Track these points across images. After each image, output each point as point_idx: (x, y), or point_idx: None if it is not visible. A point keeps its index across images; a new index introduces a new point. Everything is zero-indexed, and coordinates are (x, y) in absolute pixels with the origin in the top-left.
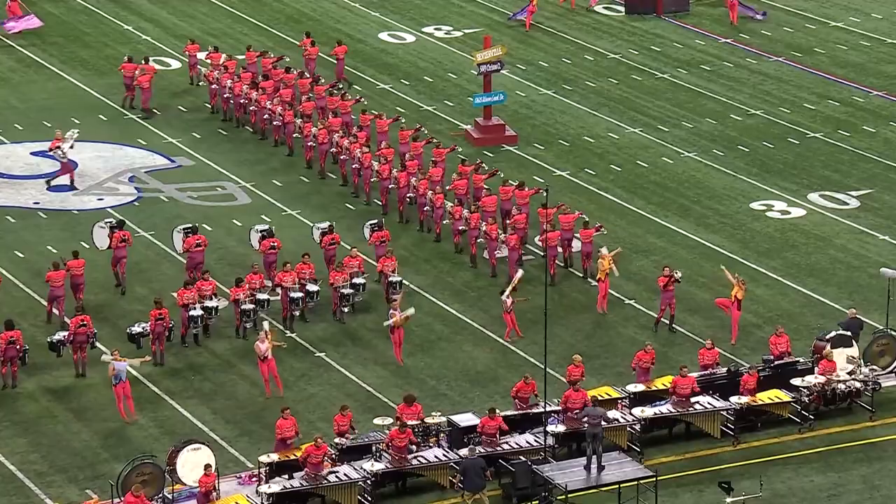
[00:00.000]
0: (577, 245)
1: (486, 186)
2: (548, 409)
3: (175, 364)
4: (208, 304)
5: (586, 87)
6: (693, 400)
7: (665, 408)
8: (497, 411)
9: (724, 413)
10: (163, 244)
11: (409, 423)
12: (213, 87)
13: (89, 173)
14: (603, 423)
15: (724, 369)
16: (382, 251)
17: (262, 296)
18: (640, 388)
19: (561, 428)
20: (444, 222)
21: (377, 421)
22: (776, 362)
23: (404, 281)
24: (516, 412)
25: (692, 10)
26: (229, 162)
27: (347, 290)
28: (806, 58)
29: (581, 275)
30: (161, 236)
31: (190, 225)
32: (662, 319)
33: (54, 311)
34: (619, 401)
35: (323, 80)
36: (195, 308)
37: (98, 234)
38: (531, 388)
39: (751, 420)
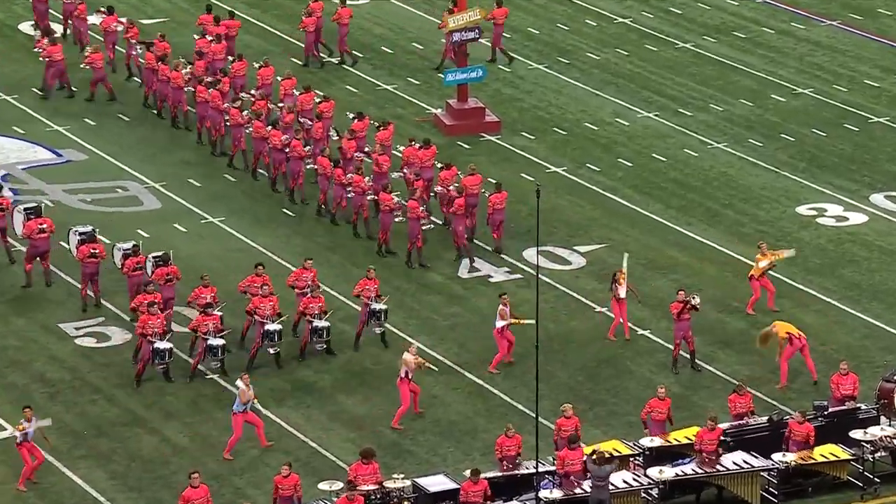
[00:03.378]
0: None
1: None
2: (541, 470)
3: (63, 416)
4: (213, 341)
5: (588, 61)
6: (726, 458)
7: (690, 467)
8: (481, 473)
9: (765, 474)
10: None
11: (364, 487)
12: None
13: None
14: (611, 486)
15: (765, 418)
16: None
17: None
18: (658, 442)
19: (557, 494)
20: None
21: (323, 486)
22: (831, 409)
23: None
24: (500, 474)
25: None
26: (133, 156)
27: (323, 323)
28: (868, 21)
29: (496, 250)
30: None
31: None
32: (682, 354)
33: None
34: (632, 458)
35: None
36: (160, 340)
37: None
38: (515, 442)
39: (799, 483)
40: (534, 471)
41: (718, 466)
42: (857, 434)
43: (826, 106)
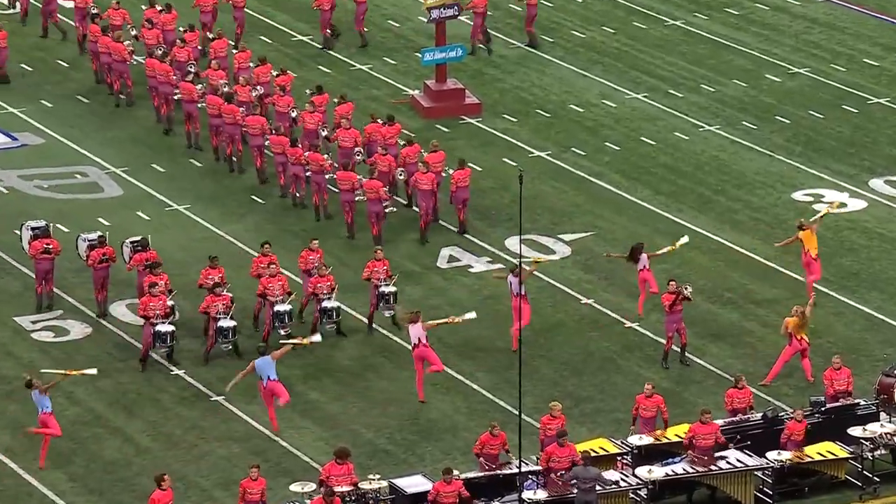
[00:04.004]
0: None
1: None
2: (524, 469)
3: (19, 415)
4: (224, 322)
5: (572, 39)
6: (718, 456)
7: (680, 466)
8: (455, 473)
9: (760, 474)
10: (3, 253)
11: (338, 489)
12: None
13: None
14: (598, 487)
15: (759, 415)
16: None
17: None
18: (648, 440)
19: (542, 495)
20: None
21: (295, 487)
22: (829, 405)
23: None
24: (481, 474)
25: None
26: (93, 140)
27: (332, 303)
28: None
29: (458, 230)
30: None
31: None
32: (673, 348)
33: None
34: (620, 458)
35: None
36: (162, 322)
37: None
38: (500, 441)
39: (795, 483)
40: (517, 470)
41: (713, 466)
42: (855, 431)
43: (823, 86)
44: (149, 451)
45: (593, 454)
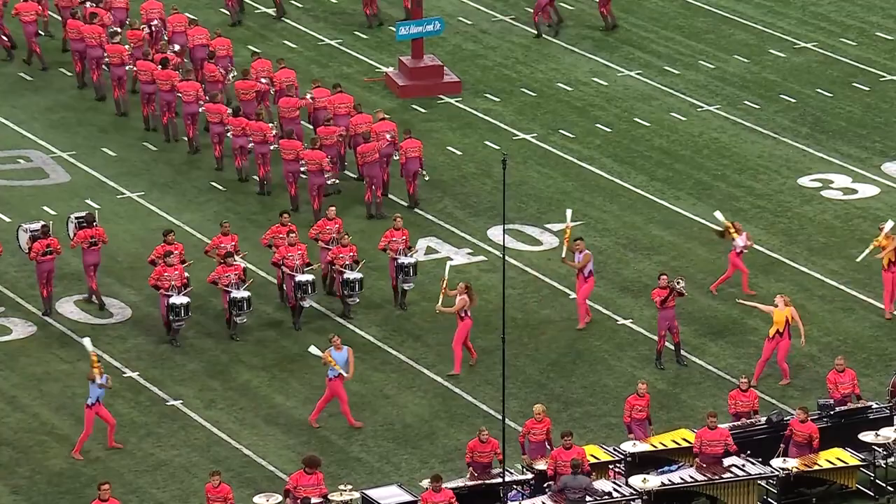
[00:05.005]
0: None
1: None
2: (513, 479)
3: None
4: (236, 293)
5: (560, 12)
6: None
7: (679, 475)
8: (443, 481)
9: (764, 483)
10: None
11: (309, 499)
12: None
13: None
14: (588, 498)
15: (764, 419)
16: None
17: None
18: (643, 446)
19: None
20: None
21: (259, 499)
22: (838, 409)
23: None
24: (467, 483)
25: None
26: (38, 122)
27: (355, 275)
28: None
29: (408, 204)
30: None
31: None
32: (667, 346)
33: None
34: (612, 466)
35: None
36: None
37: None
38: (491, 447)
39: (802, 493)
40: (506, 479)
41: (718, 474)
42: (867, 436)
43: (832, 62)
44: (99, 461)
45: (588, 463)
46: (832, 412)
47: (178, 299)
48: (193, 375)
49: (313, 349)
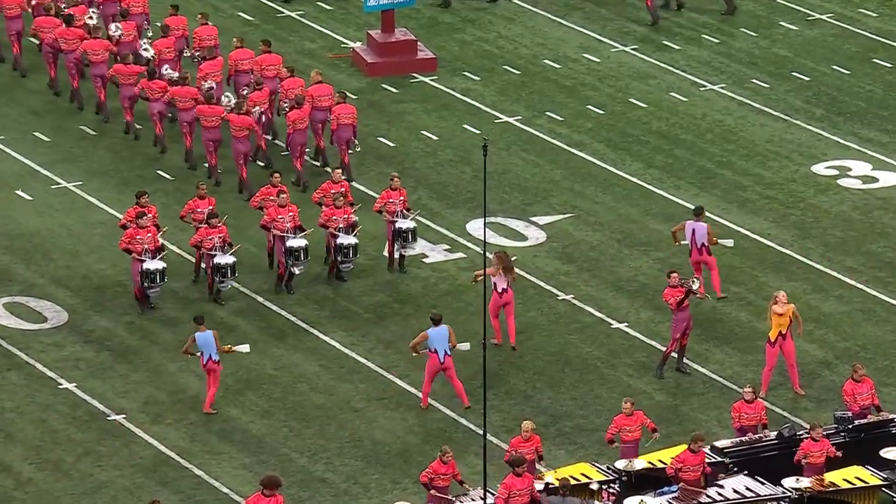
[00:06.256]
0: None
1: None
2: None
3: None
4: (221, 259)
5: None
6: (721, 485)
7: (678, 497)
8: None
9: None
10: None
11: None
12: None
13: None
14: None
15: (773, 434)
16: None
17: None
18: (639, 464)
19: None
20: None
21: None
22: (857, 422)
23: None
24: None
25: None
26: None
27: (349, 240)
28: None
29: (345, 177)
30: None
31: None
32: (672, 354)
33: None
34: (605, 486)
35: None
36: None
37: None
38: (450, 470)
39: None
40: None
41: (703, 498)
42: (889, 453)
43: (850, 36)
44: (32, 483)
45: (573, 482)
46: (850, 426)
47: (153, 264)
48: (138, 387)
49: (463, 346)
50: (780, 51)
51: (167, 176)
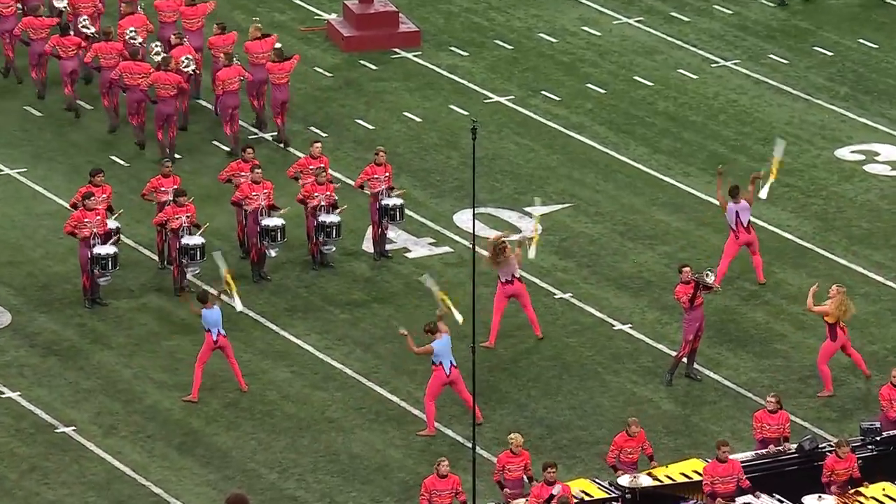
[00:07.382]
0: None
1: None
2: None
3: None
4: (188, 240)
5: None
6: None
7: None
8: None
9: None
10: None
11: None
12: None
13: None
14: None
15: (794, 446)
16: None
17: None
18: (645, 480)
19: None
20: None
21: None
22: (887, 433)
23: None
24: None
25: None
26: None
27: (332, 217)
28: None
29: (279, 141)
30: None
31: None
32: (683, 359)
33: None
34: None
35: None
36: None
37: None
38: (450, 486)
39: None
40: None
41: None
42: None
43: (877, 5)
44: None
45: (574, 500)
46: (878, 438)
47: (104, 249)
48: (89, 395)
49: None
50: (800, 22)
51: (121, 161)
